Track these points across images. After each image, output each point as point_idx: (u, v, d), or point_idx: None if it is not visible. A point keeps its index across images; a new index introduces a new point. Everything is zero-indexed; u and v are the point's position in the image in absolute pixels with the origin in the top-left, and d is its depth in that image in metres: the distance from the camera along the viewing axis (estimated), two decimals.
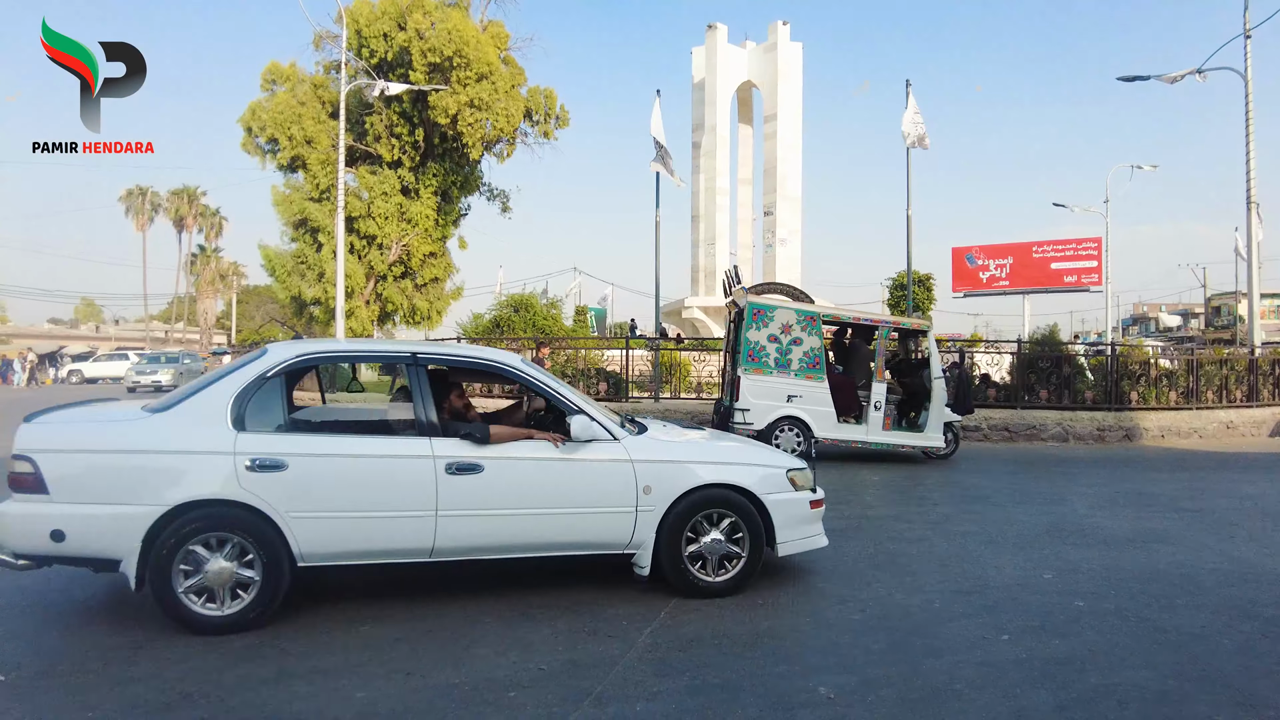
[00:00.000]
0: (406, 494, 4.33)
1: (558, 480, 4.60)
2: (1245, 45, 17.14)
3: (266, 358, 4.44)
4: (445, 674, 3.58)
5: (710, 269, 33.46)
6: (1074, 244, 40.10)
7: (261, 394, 4.31)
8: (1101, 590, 5.02)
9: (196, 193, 61.36)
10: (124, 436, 4.20)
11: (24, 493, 3.99)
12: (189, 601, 4.01)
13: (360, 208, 24.46)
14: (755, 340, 10.18)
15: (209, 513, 4.05)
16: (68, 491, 3.99)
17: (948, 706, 3.33)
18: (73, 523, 3.96)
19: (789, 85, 32.62)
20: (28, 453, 3.99)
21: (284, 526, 4.11)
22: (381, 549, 4.41)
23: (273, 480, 4.11)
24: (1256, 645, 4.11)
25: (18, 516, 3.98)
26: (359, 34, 23.85)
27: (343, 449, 4.32)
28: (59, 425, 4.26)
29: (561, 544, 4.70)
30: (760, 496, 4.82)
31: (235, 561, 4.07)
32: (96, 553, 4.04)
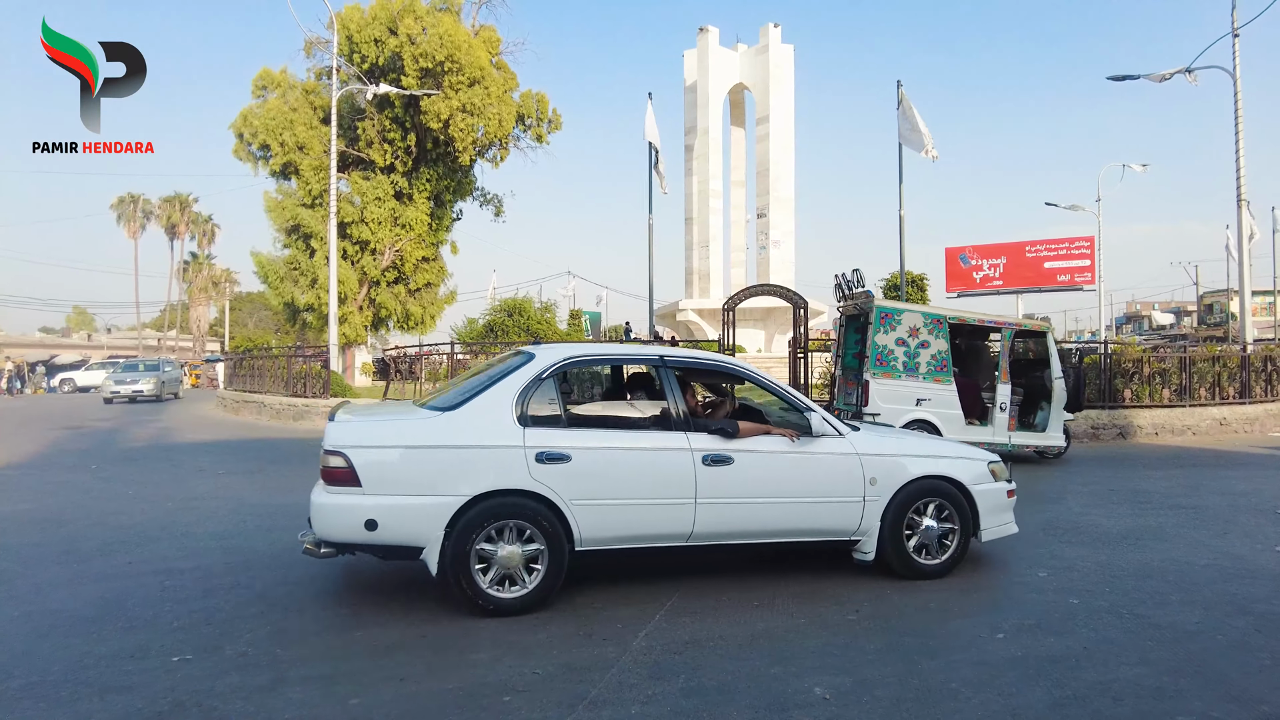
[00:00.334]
0: (670, 483, 4.71)
1: (796, 472, 4.99)
2: (1233, 44, 17.25)
3: (538, 360, 4.81)
4: (440, 679, 3.57)
5: (704, 271, 33.50)
6: (1067, 243, 40.24)
7: (539, 393, 4.70)
8: (1096, 588, 5.03)
9: (188, 200, 61.18)
10: (425, 433, 4.57)
11: (338, 485, 4.35)
12: (484, 585, 4.36)
13: (353, 213, 24.42)
14: (883, 344, 10.19)
15: (502, 502, 4.42)
16: (379, 484, 4.34)
17: (943, 706, 3.33)
18: (385, 513, 4.31)
19: (781, 87, 32.70)
20: (341, 448, 4.34)
21: (568, 513, 4.50)
22: (648, 534, 4.79)
23: (558, 471, 4.49)
24: (1250, 641, 4.11)
25: (334, 507, 4.35)
26: (350, 39, 23.83)
27: (616, 442, 4.72)
28: (365, 423, 4.70)
29: (798, 530, 5.07)
30: (968, 487, 5.25)
31: (522, 546, 4.43)
32: (403, 541, 4.39)
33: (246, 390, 22.44)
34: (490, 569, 4.39)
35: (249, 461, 11.63)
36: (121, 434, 16.10)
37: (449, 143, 24.40)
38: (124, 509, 7.76)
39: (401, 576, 5.21)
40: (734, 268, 36.21)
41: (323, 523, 4.41)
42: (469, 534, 4.33)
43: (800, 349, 15.59)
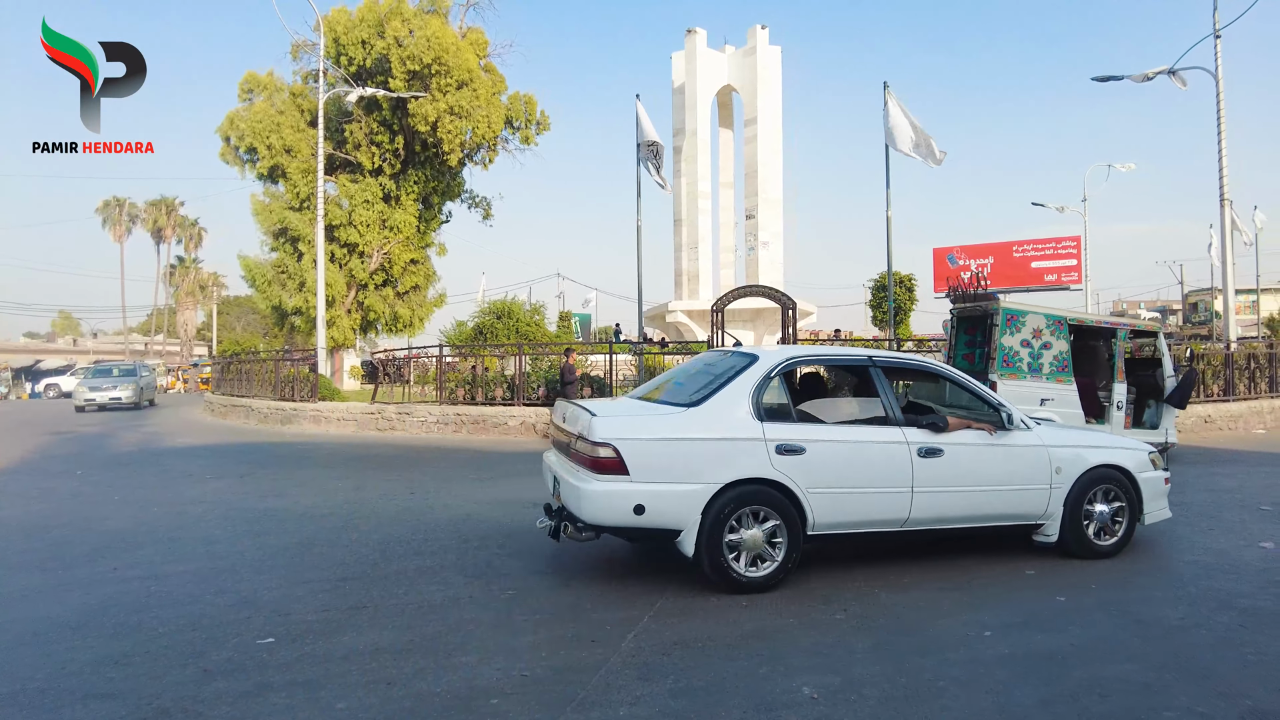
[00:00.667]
0: (891, 473, 5.13)
1: (995, 462, 5.43)
2: (1215, 45, 17.39)
3: (764, 361, 5.23)
4: (427, 682, 3.55)
5: (693, 272, 33.52)
6: (1054, 243, 40.54)
7: (769, 390, 5.14)
8: (1083, 584, 5.05)
9: (175, 203, 60.80)
10: (680, 426, 4.92)
11: (608, 474, 4.70)
12: (733, 565, 4.77)
13: (341, 216, 24.32)
14: (1009, 345, 10.33)
15: (747, 490, 4.81)
16: (645, 472, 4.71)
17: (932, 704, 3.34)
18: (651, 499, 4.70)
19: (768, 89, 32.76)
20: (611, 440, 4.70)
21: (804, 501, 4.90)
22: (871, 519, 5.19)
23: (795, 462, 4.89)
24: (1235, 636, 4.14)
25: (606, 493, 4.68)
26: (337, 42, 23.74)
27: (843, 436, 5.16)
28: (629, 418, 5.05)
29: (995, 515, 5.52)
30: (1135, 475, 5.74)
31: (763, 530, 4.83)
32: (665, 524, 4.76)
33: (234, 394, 22.31)
34: (737, 550, 4.80)
35: (237, 466, 11.56)
36: (108, 439, 15.97)
37: (437, 145, 24.34)
38: (110, 514, 7.70)
39: (385, 580, 5.19)
40: (723, 269, 36.23)
41: (593, 508, 4.72)
42: (721, 518, 4.75)
43: None
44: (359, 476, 10.33)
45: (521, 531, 6.61)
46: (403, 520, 7.21)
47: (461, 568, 5.49)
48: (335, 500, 8.37)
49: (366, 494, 8.78)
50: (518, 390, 15.76)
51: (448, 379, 16.79)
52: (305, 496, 8.63)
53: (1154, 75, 18.56)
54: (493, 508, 7.71)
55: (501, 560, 5.67)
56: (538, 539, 6.30)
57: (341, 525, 7.04)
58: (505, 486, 9.10)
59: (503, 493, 8.62)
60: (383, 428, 16.22)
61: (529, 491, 8.66)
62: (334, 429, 16.80)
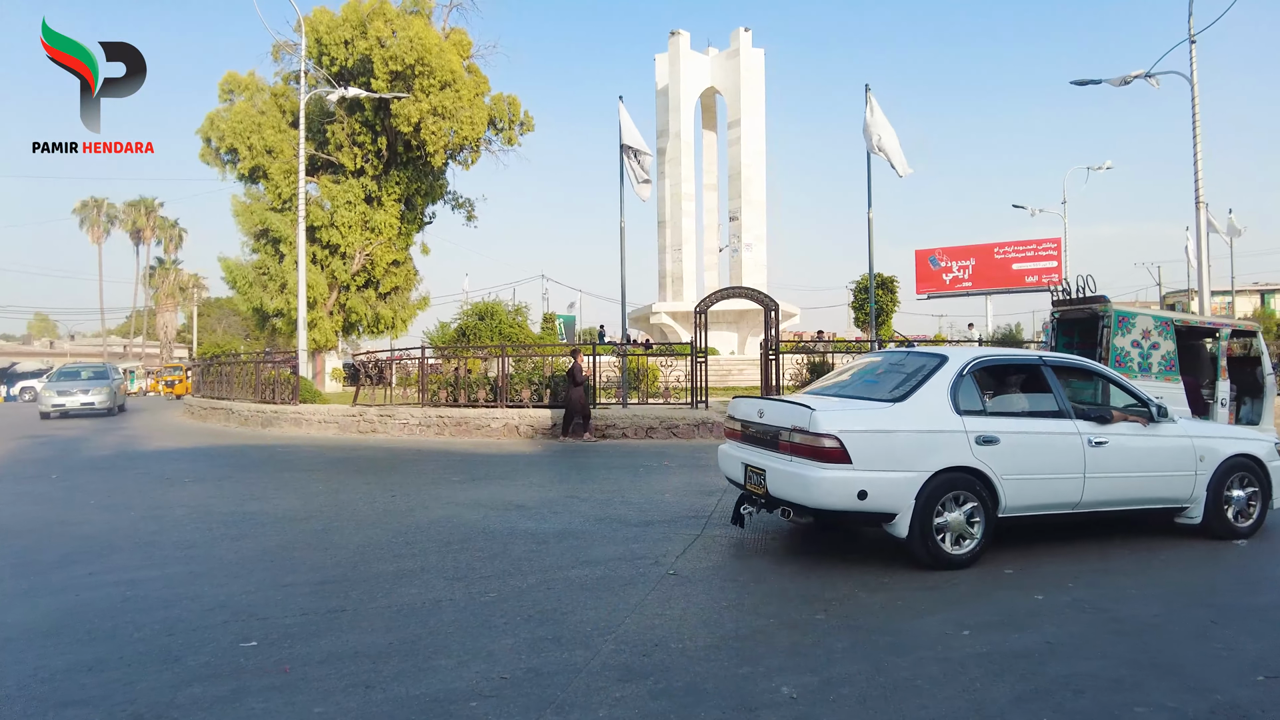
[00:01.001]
0: (1068, 461, 5.69)
1: (1149, 451, 6.04)
2: (1190, 50, 17.63)
3: (954, 361, 5.75)
4: (405, 686, 3.53)
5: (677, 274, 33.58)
6: (1034, 245, 40.90)
7: (962, 387, 5.59)
8: (1060, 583, 5.10)
9: (154, 204, 60.22)
10: (893, 420, 5.37)
11: (832, 463, 5.13)
12: (941, 544, 5.29)
13: (323, 217, 24.17)
14: (1120, 346, 10.59)
15: (951, 477, 5.33)
16: (866, 461, 5.15)
17: (909, 703, 3.36)
18: (873, 485, 5.15)
19: (752, 91, 32.89)
20: (834, 432, 5.14)
21: (998, 486, 5.42)
22: (1051, 503, 5.75)
23: (991, 451, 5.42)
24: (1208, 631, 4.20)
25: (833, 480, 5.12)
26: (319, 42, 23.61)
27: (1029, 428, 5.71)
28: (845, 412, 5.43)
29: (1147, 499, 6.11)
30: (1265, 463, 6.35)
31: (964, 513, 5.35)
32: (884, 508, 5.23)
33: (214, 396, 22.11)
34: (943, 531, 5.31)
35: (217, 469, 11.46)
36: (84, 442, 15.77)
37: (420, 146, 24.25)
38: (85, 519, 7.61)
39: (367, 582, 5.17)
40: (707, 270, 36.36)
41: (821, 493, 5.15)
42: (931, 503, 5.26)
43: (772, 351, 15.67)
44: (340, 479, 10.26)
45: (503, 534, 6.60)
46: (383, 523, 7.18)
47: (442, 570, 5.47)
48: (315, 503, 8.32)
49: (347, 497, 8.73)
50: (501, 392, 15.72)
51: (430, 381, 16.72)
52: (285, 500, 8.57)
53: (1131, 79, 18.80)
54: (474, 510, 7.68)
55: (482, 563, 5.66)
56: (519, 542, 6.30)
57: (321, 528, 7.00)
58: (487, 489, 9.07)
59: (485, 495, 8.59)
60: (364, 430, 16.12)
61: (511, 493, 8.65)
62: (315, 431, 16.69)
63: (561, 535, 6.53)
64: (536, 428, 14.84)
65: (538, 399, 15.64)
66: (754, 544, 6.21)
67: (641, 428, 14.61)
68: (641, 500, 8.21)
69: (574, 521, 7.10)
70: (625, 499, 8.27)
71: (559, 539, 6.40)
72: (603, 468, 10.88)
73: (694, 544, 6.17)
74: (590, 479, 9.83)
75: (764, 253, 33.17)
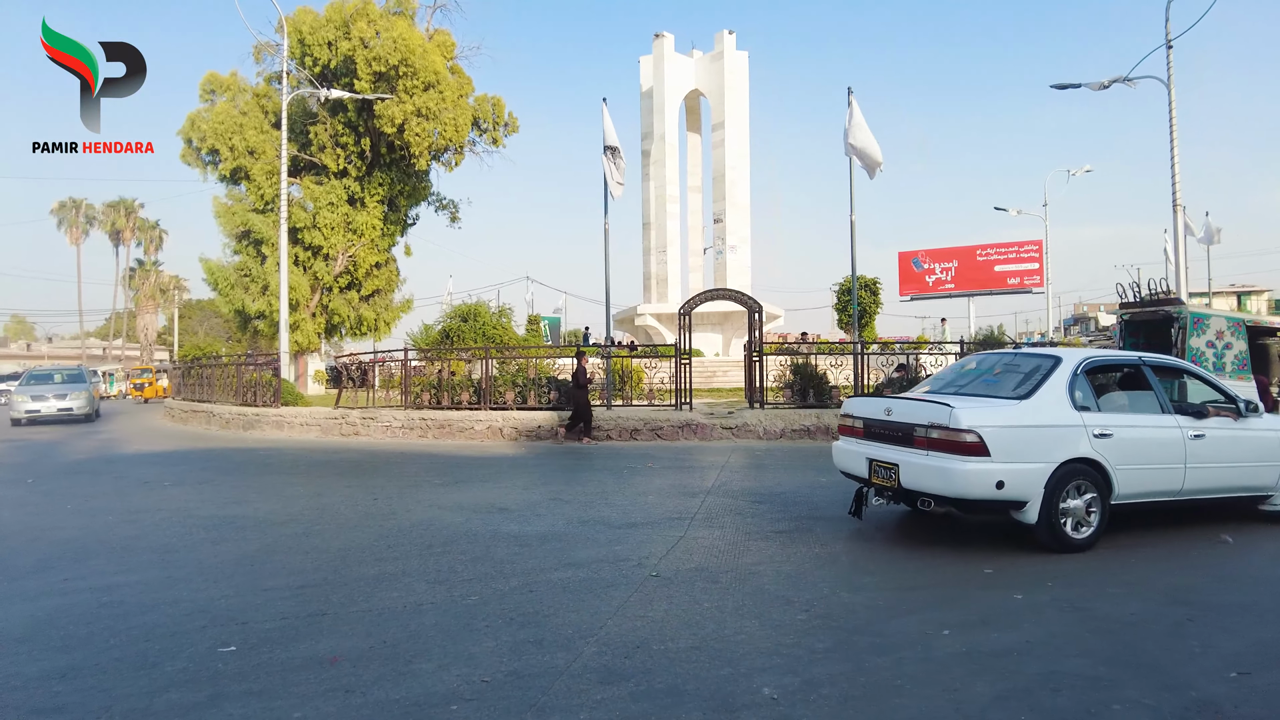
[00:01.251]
0: (1172, 453, 6.19)
1: (1239, 444, 6.57)
2: (1167, 55, 17.84)
3: (1068, 361, 6.23)
4: (385, 690, 3.51)
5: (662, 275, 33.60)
6: (1016, 247, 41.26)
7: (1077, 385, 6.07)
8: (1040, 582, 5.14)
9: (134, 205, 59.63)
10: (1021, 416, 5.83)
11: (972, 456, 5.56)
12: (1065, 530, 5.79)
13: (305, 219, 24.01)
14: (1196, 346, 10.88)
15: (1073, 467, 5.80)
16: (1002, 454, 5.58)
17: (889, 702, 3.37)
18: (1009, 475, 5.58)
19: (736, 94, 32.98)
20: (974, 428, 5.58)
21: (1112, 476, 5.90)
22: (1156, 490, 6.21)
23: (1106, 444, 5.90)
24: (1184, 629, 4.25)
25: (974, 471, 5.55)
26: (302, 42, 23.45)
27: (1137, 423, 6.19)
28: (979, 409, 5.82)
29: (1236, 488, 6.64)
30: None
31: (1083, 501, 5.85)
32: (1017, 496, 5.67)
33: (195, 399, 21.90)
34: (1066, 518, 5.80)
35: (196, 473, 11.34)
36: (62, 446, 15.58)
37: (404, 147, 24.14)
38: (62, 524, 7.51)
39: (345, 585, 5.13)
40: (692, 272, 36.39)
41: (963, 484, 5.58)
42: (1056, 491, 5.73)
43: (755, 352, 15.71)
44: (321, 482, 10.19)
45: (485, 536, 6.57)
46: (365, 526, 7.14)
47: (423, 573, 5.44)
48: (296, 507, 8.25)
49: (328, 500, 8.67)
50: (484, 394, 15.66)
51: (413, 383, 16.63)
52: (266, 503, 8.50)
53: (1110, 84, 18.99)
54: (457, 513, 7.65)
55: (464, 566, 5.63)
56: (501, 544, 6.28)
57: (302, 532, 6.94)
58: (470, 491, 9.03)
59: (467, 498, 8.55)
60: (347, 433, 16.02)
61: (494, 496, 8.61)
62: (297, 434, 16.56)
63: (544, 538, 6.52)
64: (520, 430, 14.80)
65: (521, 401, 15.59)
66: (736, 545, 6.21)
67: (626, 430, 14.60)
68: (625, 502, 8.20)
69: (557, 524, 7.09)
70: (609, 501, 8.26)
71: (542, 541, 6.38)
72: (586, 470, 10.86)
73: (677, 546, 6.18)
74: (574, 481, 9.81)
75: (748, 255, 33.25)
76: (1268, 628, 4.31)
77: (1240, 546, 6.16)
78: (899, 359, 16.77)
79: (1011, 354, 7.28)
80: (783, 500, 8.17)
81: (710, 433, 14.38)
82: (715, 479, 9.70)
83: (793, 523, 7.03)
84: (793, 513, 7.49)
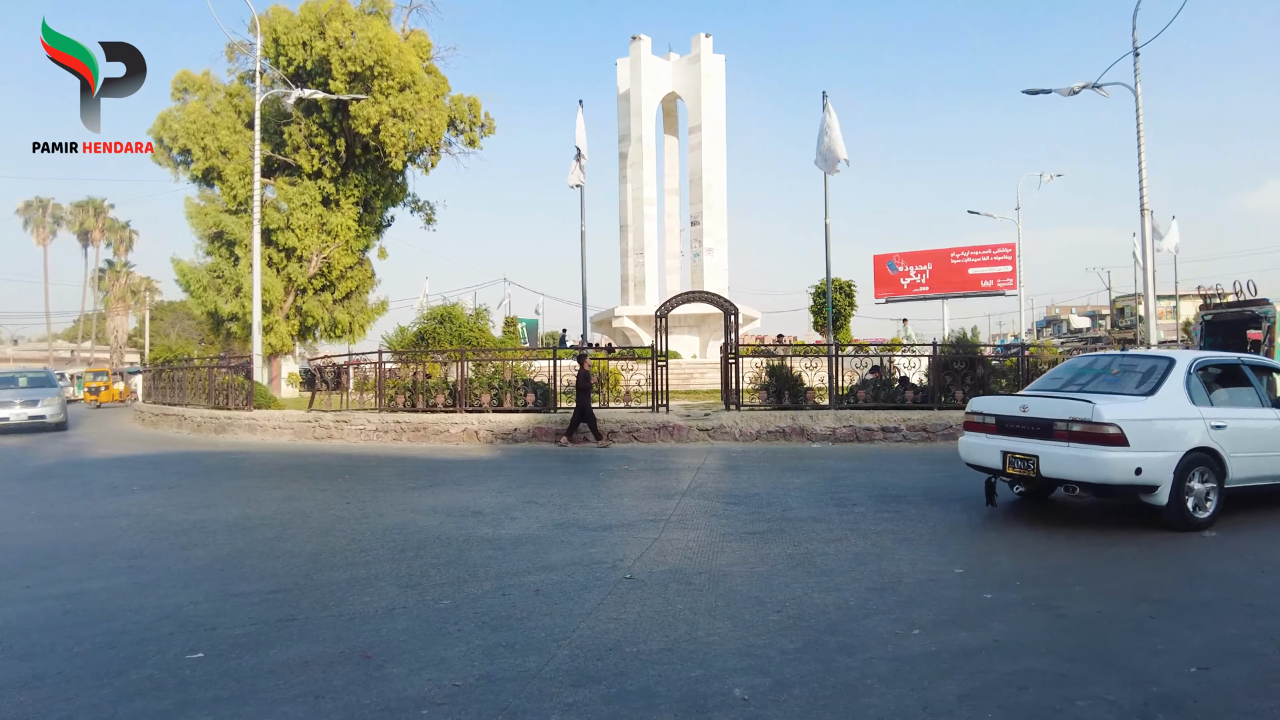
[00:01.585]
0: (1275, 441, 7.04)
1: None
2: (1134, 62, 18.16)
3: (1182, 361, 7.02)
4: (356, 695, 3.48)
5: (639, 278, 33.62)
6: (990, 250, 41.78)
7: (1192, 383, 6.87)
8: (1009, 581, 5.21)
9: (103, 205, 58.71)
10: (1151, 410, 6.62)
11: (1114, 446, 6.34)
12: (1190, 511, 6.53)
13: (279, 220, 23.76)
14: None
15: (1195, 455, 6.56)
16: (1139, 444, 6.36)
17: (859, 702, 3.40)
18: (1145, 463, 6.36)
19: (712, 97, 33.11)
20: (1115, 421, 6.37)
21: (1227, 462, 6.68)
22: (1263, 476, 7.05)
23: (1221, 435, 6.68)
24: (1146, 625, 4.33)
25: (1117, 460, 6.32)
26: (276, 42, 23.21)
27: (1244, 415, 6.99)
28: (1115, 404, 6.58)
29: None
30: None
31: (1204, 485, 6.61)
32: (1151, 481, 6.42)
33: (166, 402, 21.58)
34: (1191, 500, 6.54)
35: (166, 477, 11.18)
36: (28, 450, 15.29)
37: (379, 148, 23.97)
38: (26, 530, 7.38)
39: (314, 590, 5.09)
40: (669, 275, 36.47)
41: (1107, 471, 6.34)
42: (1183, 476, 6.47)
43: (732, 354, 15.77)
44: (294, 486, 10.09)
45: (459, 540, 6.54)
46: (337, 530, 7.08)
47: (396, 578, 5.40)
48: (268, 511, 8.17)
49: (301, 504, 8.59)
50: (460, 397, 15.58)
51: (388, 386, 16.52)
52: (237, 507, 8.40)
53: (1079, 89, 19.30)
54: (430, 516, 7.61)
55: (437, 570, 5.60)
56: (475, 548, 6.25)
57: (274, 536, 6.87)
58: (444, 495, 8.99)
59: (441, 501, 8.51)
60: (320, 436, 15.87)
61: (468, 499, 8.58)
62: (270, 438, 16.38)
63: (518, 541, 6.50)
64: (496, 433, 14.74)
65: (497, 403, 15.53)
66: (711, 547, 6.24)
67: (602, 431, 14.60)
68: (600, 504, 8.20)
69: (531, 527, 7.07)
70: (584, 503, 8.25)
71: (515, 544, 6.36)
72: (562, 472, 10.85)
73: (651, 548, 6.19)
74: (549, 484, 9.79)
75: (725, 257, 33.38)
76: (1229, 624, 4.39)
77: (1215, 543, 6.28)
78: (873, 361, 16.90)
79: (1123, 355, 8.19)
80: (757, 502, 8.21)
81: (686, 434, 14.41)
82: (691, 481, 9.73)
83: (767, 524, 7.07)
84: (766, 514, 7.53)
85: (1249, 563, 5.78)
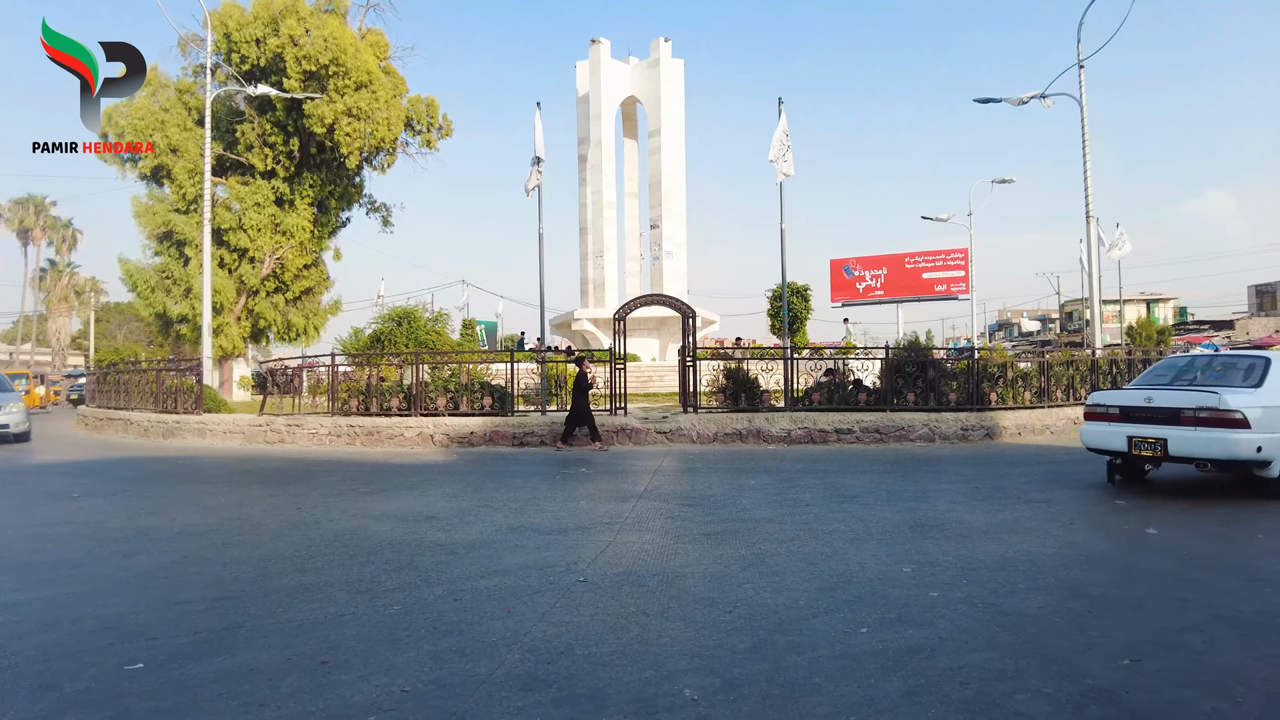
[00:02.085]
0: None
1: None
2: (1079, 74, 18.71)
3: (1277, 359, 8.14)
4: (302, 702, 3.43)
5: (599, 281, 33.62)
6: (943, 255, 42.61)
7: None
8: (955, 580, 5.32)
9: (44, 202, 56.84)
10: (1260, 399, 7.74)
11: (1237, 429, 7.56)
12: None
13: (231, 219, 23.29)
14: None
15: None
16: (1258, 427, 7.57)
17: (806, 701, 3.45)
18: (1265, 442, 7.59)
19: (671, 101, 33.26)
20: (1238, 409, 7.59)
21: None
22: None
23: None
24: (1083, 621, 4.46)
25: (1240, 440, 7.56)
26: (229, 38, 22.78)
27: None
28: (1235, 394, 7.78)
29: None
30: None
31: None
32: (1267, 458, 7.66)
33: (112, 406, 20.98)
34: None
35: (109, 483, 10.87)
36: None
37: (334, 147, 23.66)
38: None
39: (264, 596, 5.00)
40: (629, 278, 36.51)
41: (1235, 449, 7.59)
42: None
43: (690, 357, 15.86)
44: (243, 492, 9.89)
45: (411, 545, 6.48)
46: (286, 536, 6.96)
47: (345, 584, 5.33)
48: (215, 517, 8.00)
49: (250, 510, 8.42)
50: (415, 400, 15.42)
51: (342, 389, 16.27)
52: (183, 514, 8.21)
53: (1028, 99, 19.83)
54: (383, 522, 7.52)
55: (388, 575, 5.54)
56: (427, 553, 6.20)
57: (221, 543, 6.73)
58: (397, 499, 8.89)
59: (394, 506, 8.42)
60: (272, 440, 15.58)
61: (422, 504, 8.50)
62: (220, 442, 16.03)
63: (471, 545, 6.46)
64: (452, 436, 14.61)
65: (454, 407, 15.40)
66: (665, 549, 6.27)
67: (560, 434, 14.56)
68: (556, 508, 8.19)
69: (485, 531, 7.03)
70: (540, 507, 8.23)
71: (469, 549, 6.32)
72: (519, 476, 10.80)
73: (606, 550, 6.20)
74: (505, 487, 9.74)
75: (684, 260, 33.53)
76: (1160, 617, 4.55)
77: (1139, 545, 6.48)
78: (827, 363, 17.13)
79: (1222, 354, 9.38)
80: (713, 504, 8.27)
81: (644, 437, 14.45)
82: (648, 483, 9.76)
83: (721, 525, 7.13)
84: (721, 516, 7.59)
85: None
